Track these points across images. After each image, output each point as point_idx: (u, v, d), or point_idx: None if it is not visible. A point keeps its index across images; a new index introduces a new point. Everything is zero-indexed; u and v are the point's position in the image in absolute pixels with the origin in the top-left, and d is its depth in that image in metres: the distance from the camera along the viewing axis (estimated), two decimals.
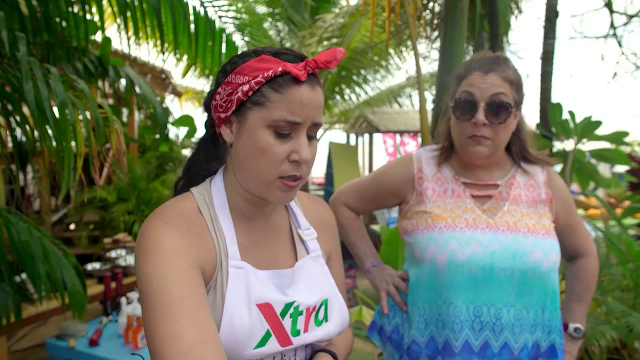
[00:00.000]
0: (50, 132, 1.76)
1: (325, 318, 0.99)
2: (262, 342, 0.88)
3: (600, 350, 2.08)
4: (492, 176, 1.47)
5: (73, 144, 1.78)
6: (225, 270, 0.90)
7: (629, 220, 4.68)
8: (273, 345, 0.90)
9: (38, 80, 1.60)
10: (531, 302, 1.37)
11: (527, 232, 1.38)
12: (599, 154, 3.40)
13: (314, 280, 1.00)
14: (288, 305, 0.93)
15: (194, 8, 2.99)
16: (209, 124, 1.00)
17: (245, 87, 0.87)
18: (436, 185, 1.49)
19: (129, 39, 2.60)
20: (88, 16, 2.47)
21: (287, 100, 0.85)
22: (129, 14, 2.53)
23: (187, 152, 6.57)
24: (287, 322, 0.92)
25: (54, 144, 1.77)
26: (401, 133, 9.58)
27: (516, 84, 1.37)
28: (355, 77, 6.99)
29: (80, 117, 1.80)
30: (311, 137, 0.92)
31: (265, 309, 0.90)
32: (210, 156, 1.03)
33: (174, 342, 0.74)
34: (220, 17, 3.17)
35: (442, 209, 1.44)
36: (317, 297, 0.98)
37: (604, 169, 9.87)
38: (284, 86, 0.86)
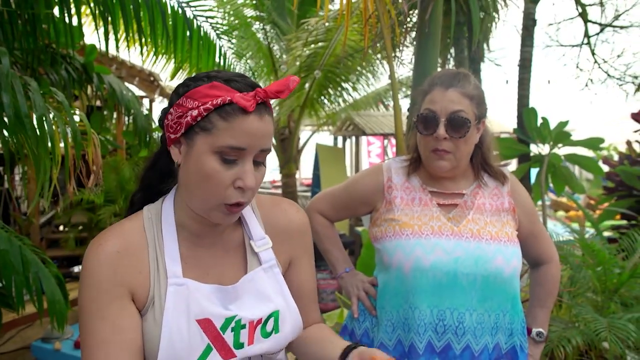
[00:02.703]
0: (27, 142, 1.76)
1: (276, 329, 1.01)
2: (203, 356, 0.92)
3: (566, 355, 2.15)
4: (457, 186, 1.52)
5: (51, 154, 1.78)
6: (164, 287, 0.93)
7: (608, 222, 4.78)
8: (215, 359, 0.93)
9: (17, 94, 1.62)
10: (493, 307, 1.43)
11: (490, 240, 1.44)
12: (574, 159, 3.49)
13: (263, 293, 1.02)
14: (229, 320, 0.96)
15: (172, 8, 3.02)
16: (164, 140, 1.02)
17: (195, 112, 0.88)
18: (404, 194, 1.54)
19: (107, 42, 2.63)
20: (67, 19, 2.49)
21: (234, 128, 0.87)
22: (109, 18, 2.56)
23: None
24: (228, 336, 0.95)
25: (33, 150, 1.77)
26: (387, 136, 9.64)
27: (477, 99, 1.43)
28: (340, 80, 7.04)
29: (59, 129, 1.82)
30: (258, 163, 0.93)
31: (205, 324, 0.93)
32: (165, 170, 1.05)
33: None
34: (196, 16, 3.20)
35: (409, 216, 1.49)
36: (265, 309, 1.00)
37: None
38: (232, 115, 0.87)
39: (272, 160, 8.47)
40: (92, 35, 2.73)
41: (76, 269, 4.15)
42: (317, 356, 1.11)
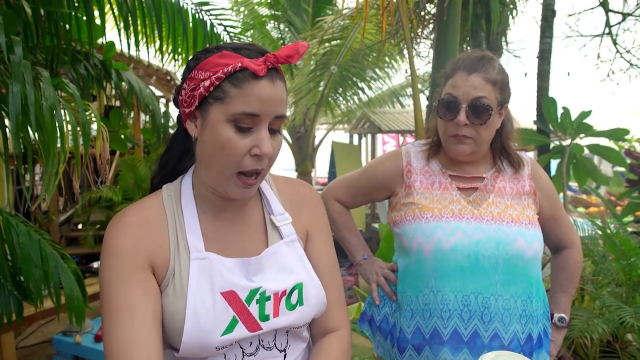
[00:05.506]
0: (34, 135, 1.71)
1: (300, 302, 1.01)
2: (229, 329, 0.92)
3: (593, 343, 2.11)
4: (477, 169, 1.51)
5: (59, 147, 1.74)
6: (186, 261, 0.94)
7: (629, 218, 4.69)
8: (241, 331, 0.93)
9: (27, 83, 1.57)
10: (518, 292, 1.40)
11: (511, 222, 1.42)
12: (596, 150, 3.42)
13: (285, 265, 1.02)
14: (253, 292, 0.96)
15: (193, 15, 3.07)
16: (180, 119, 1.02)
17: (207, 83, 0.89)
18: (424, 177, 1.52)
19: (128, 42, 2.66)
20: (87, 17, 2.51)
21: (246, 94, 0.87)
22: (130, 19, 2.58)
23: None
24: (253, 308, 0.95)
25: (41, 143, 1.72)
26: (403, 133, 9.60)
27: (500, 84, 1.40)
28: (356, 78, 7.02)
29: (69, 119, 1.77)
30: (274, 131, 0.93)
31: (230, 296, 0.94)
32: (183, 151, 1.06)
33: (108, 343, 0.86)
34: (214, 24, 3.25)
35: (429, 200, 1.48)
36: (289, 282, 1.00)
37: (605, 167, 9.82)
38: (243, 81, 0.87)
39: (288, 159, 8.48)
40: (110, 32, 2.76)
41: (95, 264, 4.20)
42: None
